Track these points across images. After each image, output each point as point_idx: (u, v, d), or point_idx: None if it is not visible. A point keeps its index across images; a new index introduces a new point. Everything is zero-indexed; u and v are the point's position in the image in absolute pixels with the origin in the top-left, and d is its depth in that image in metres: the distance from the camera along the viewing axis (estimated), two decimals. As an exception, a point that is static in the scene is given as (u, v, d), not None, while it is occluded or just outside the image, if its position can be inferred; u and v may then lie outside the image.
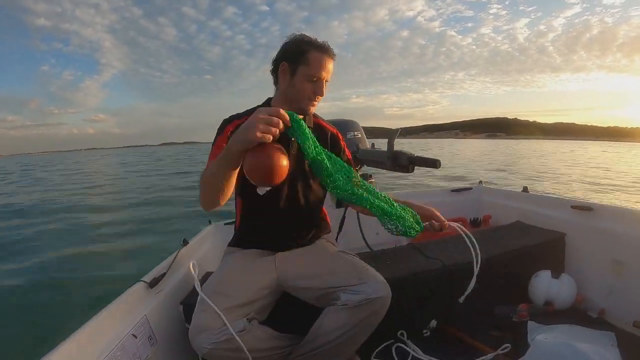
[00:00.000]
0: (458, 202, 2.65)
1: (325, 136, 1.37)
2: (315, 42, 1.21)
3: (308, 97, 1.22)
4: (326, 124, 1.41)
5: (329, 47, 1.22)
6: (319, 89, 1.21)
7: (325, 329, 1.15)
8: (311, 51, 1.19)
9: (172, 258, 1.53)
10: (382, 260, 1.66)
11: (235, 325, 1.05)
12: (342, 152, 1.41)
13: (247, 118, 1.21)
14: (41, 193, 13.31)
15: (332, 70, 1.24)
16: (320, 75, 1.20)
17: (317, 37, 1.22)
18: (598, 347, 1.30)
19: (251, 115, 0.93)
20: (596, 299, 1.74)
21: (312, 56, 1.19)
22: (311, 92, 1.21)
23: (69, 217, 8.36)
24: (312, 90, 1.21)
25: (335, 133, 1.41)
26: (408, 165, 1.54)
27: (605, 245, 1.74)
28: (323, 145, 1.33)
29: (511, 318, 1.61)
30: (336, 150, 1.38)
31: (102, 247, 5.68)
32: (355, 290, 1.12)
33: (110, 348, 1.04)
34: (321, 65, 1.19)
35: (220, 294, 1.13)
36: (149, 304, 1.29)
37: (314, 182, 1.33)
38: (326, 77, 1.22)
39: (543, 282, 1.73)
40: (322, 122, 1.40)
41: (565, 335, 1.39)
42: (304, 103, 1.23)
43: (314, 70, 1.19)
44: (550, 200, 2.15)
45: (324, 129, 1.39)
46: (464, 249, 1.76)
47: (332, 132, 1.40)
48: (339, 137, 1.42)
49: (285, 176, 0.97)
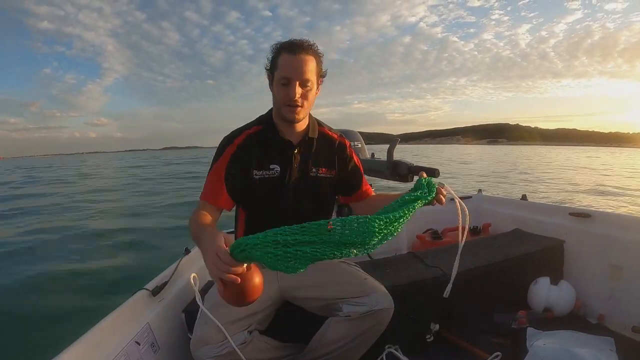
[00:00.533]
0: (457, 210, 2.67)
1: (331, 145, 1.32)
2: (287, 43, 1.13)
3: (283, 103, 1.14)
4: (332, 132, 1.36)
5: (300, 43, 1.12)
6: (291, 90, 1.11)
7: (328, 339, 1.16)
8: (282, 54, 1.12)
9: (175, 266, 1.55)
10: (383, 269, 1.67)
11: (237, 338, 1.06)
12: (349, 160, 1.35)
13: (247, 133, 1.22)
14: (48, 197, 13.35)
15: (313, 69, 1.14)
16: (289, 76, 1.11)
17: (315, 42, 1.15)
18: (596, 352, 1.31)
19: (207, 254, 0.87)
20: (595, 304, 1.75)
21: (281, 59, 1.12)
22: (284, 96, 1.13)
23: (72, 222, 8.39)
24: (284, 94, 1.13)
25: (342, 141, 1.36)
26: (407, 174, 1.57)
27: (604, 251, 1.76)
28: (329, 155, 1.31)
29: (510, 325, 1.62)
30: (343, 159, 1.34)
31: (104, 255, 5.68)
32: (358, 302, 1.13)
33: (113, 355, 1.06)
34: (289, 65, 1.10)
35: (222, 306, 1.11)
36: (152, 312, 1.31)
37: (320, 189, 1.29)
38: (298, 78, 1.11)
39: (542, 288, 1.74)
40: (327, 131, 1.34)
41: (563, 340, 1.39)
42: (283, 110, 1.16)
43: (283, 71, 1.11)
44: (548, 208, 2.17)
45: (329, 138, 1.33)
46: (464, 256, 1.78)
47: (339, 141, 1.35)
48: (346, 145, 1.36)
49: (260, 293, 0.89)
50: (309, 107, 1.20)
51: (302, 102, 1.14)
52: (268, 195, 1.23)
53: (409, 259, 1.81)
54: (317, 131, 1.30)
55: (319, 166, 1.28)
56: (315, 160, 1.28)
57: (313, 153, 1.28)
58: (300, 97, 1.13)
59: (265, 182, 1.22)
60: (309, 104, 1.18)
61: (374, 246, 0.88)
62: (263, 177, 1.21)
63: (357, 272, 1.27)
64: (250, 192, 1.21)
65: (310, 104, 1.19)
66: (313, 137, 1.27)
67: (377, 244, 0.88)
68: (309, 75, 1.12)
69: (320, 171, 1.29)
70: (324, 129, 1.34)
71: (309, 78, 1.12)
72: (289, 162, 1.22)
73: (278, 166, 1.22)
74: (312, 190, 1.27)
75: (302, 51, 1.11)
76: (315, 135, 1.29)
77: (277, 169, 1.22)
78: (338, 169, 1.33)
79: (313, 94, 1.18)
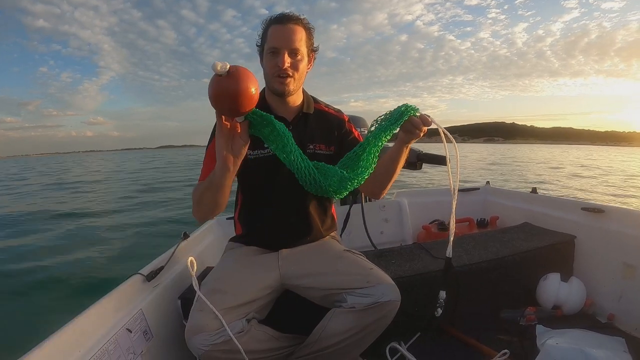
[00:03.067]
0: (464, 202, 2.60)
1: (328, 121, 1.29)
2: (276, 15, 1.13)
3: (272, 74, 1.13)
4: (329, 108, 1.33)
5: (290, 14, 1.13)
6: (279, 59, 1.10)
7: (330, 331, 1.10)
8: (271, 26, 1.12)
9: (172, 251, 1.49)
10: (388, 259, 1.62)
11: (234, 327, 1.01)
12: (349, 134, 1.32)
13: None
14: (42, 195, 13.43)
15: (303, 39, 1.13)
16: (277, 45, 1.10)
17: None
18: (610, 353, 1.26)
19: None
20: (605, 303, 1.70)
21: (270, 30, 1.12)
22: (273, 66, 1.12)
23: (68, 214, 8.42)
24: (273, 64, 1.12)
25: (340, 117, 1.33)
26: (416, 162, 1.51)
27: (616, 249, 1.69)
28: (327, 131, 1.27)
29: (518, 322, 1.57)
30: (343, 134, 1.30)
31: (98, 240, 5.66)
32: (363, 293, 1.07)
33: (102, 342, 1.00)
34: (277, 35, 1.10)
35: (219, 292, 1.08)
36: (146, 298, 1.26)
37: None
38: (287, 46, 1.10)
39: (552, 285, 1.68)
40: (323, 107, 1.32)
41: (576, 340, 1.34)
42: (272, 82, 1.14)
43: (271, 42, 1.11)
44: (559, 202, 2.10)
45: (326, 114, 1.31)
46: (471, 248, 1.72)
47: (336, 116, 1.32)
48: (344, 119, 1.33)
49: (254, 104, 0.92)
50: (300, 80, 1.17)
51: (292, 72, 1.12)
52: (264, 175, 1.21)
53: (414, 249, 1.75)
54: (313, 107, 1.27)
55: (315, 142, 1.25)
56: (312, 137, 1.25)
57: (309, 129, 1.25)
58: (290, 67, 1.11)
59: (260, 162, 1.20)
60: (300, 75, 1.15)
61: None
62: (258, 157, 1.19)
63: (362, 262, 1.21)
64: (246, 173, 1.18)
65: (301, 75, 1.16)
66: (308, 113, 1.24)
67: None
68: (298, 45, 1.11)
69: (318, 147, 1.25)
70: (320, 106, 1.31)
71: (298, 47, 1.11)
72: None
73: None
74: None
75: (291, 21, 1.11)
76: (311, 111, 1.26)
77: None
78: (337, 145, 1.29)
79: (304, 66, 1.16)
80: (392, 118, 1.01)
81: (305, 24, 1.14)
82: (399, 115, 1.00)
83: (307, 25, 1.15)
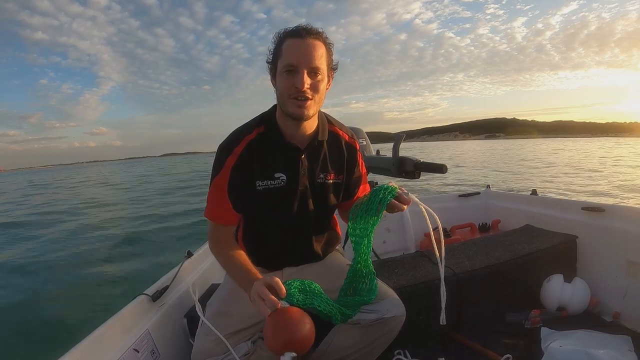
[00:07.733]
0: (466, 207, 2.61)
1: (340, 147, 1.18)
2: (291, 28, 0.98)
3: (289, 95, 0.97)
4: (343, 131, 1.20)
5: (309, 27, 0.97)
6: (298, 80, 0.94)
7: (335, 346, 1.10)
8: (286, 40, 0.97)
9: (176, 270, 1.50)
10: (391, 269, 1.63)
11: (240, 349, 1.02)
12: (356, 166, 1.22)
13: (248, 139, 1.06)
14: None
15: (324, 56, 0.98)
16: (295, 62, 0.95)
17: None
18: (615, 353, 1.26)
19: (251, 290, 0.90)
20: (610, 302, 1.69)
21: (286, 45, 0.97)
22: (290, 87, 0.96)
23: (72, 227, 8.42)
24: (290, 84, 0.96)
25: (352, 144, 1.21)
26: (414, 171, 1.51)
27: (619, 246, 1.70)
28: (339, 160, 1.18)
29: (523, 324, 1.57)
30: (352, 164, 1.20)
31: (104, 259, 5.67)
32: (368, 309, 1.06)
33: None
34: (295, 50, 0.95)
35: (224, 315, 1.08)
36: (152, 318, 1.27)
37: (327, 196, 1.17)
38: (306, 64, 0.95)
39: (555, 286, 1.68)
40: (337, 130, 1.19)
41: (580, 341, 1.34)
42: (288, 104, 0.99)
43: (288, 58, 0.95)
44: (560, 202, 2.10)
45: (340, 141, 1.18)
46: (473, 255, 1.73)
47: (350, 143, 1.20)
48: (356, 148, 1.22)
49: (311, 343, 0.84)
50: (319, 103, 1.02)
51: (312, 95, 0.97)
52: (270, 205, 1.11)
53: (417, 258, 1.76)
54: (327, 132, 1.14)
55: (327, 172, 1.15)
56: (324, 166, 1.14)
57: (322, 158, 1.14)
58: (310, 88, 0.96)
59: (270, 193, 1.09)
60: (320, 98, 1.01)
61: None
62: (267, 187, 1.09)
63: None
64: (253, 204, 1.11)
65: (321, 97, 1.01)
66: (323, 140, 1.12)
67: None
68: (319, 63, 0.96)
69: (328, 177, 1.15)
70: (334, 128, 1.17)
71: (318, 66, 0.96)
72: (295, 169, 1.10)
73: (284, 174, 1.09)
74: (318, 197, 1.16)
75: (311, 35, 0.96)
76: (325, 138, 1.13)
77: (283, 178, 1.09)
78: (346, 173, 1.20)
79: (324, 87, 1.01)
80: (371, 208, 0.96)
81: (325, 39, 1.00)
82: (378, 203, 0.96)
83: (327, 40, 1.00)
